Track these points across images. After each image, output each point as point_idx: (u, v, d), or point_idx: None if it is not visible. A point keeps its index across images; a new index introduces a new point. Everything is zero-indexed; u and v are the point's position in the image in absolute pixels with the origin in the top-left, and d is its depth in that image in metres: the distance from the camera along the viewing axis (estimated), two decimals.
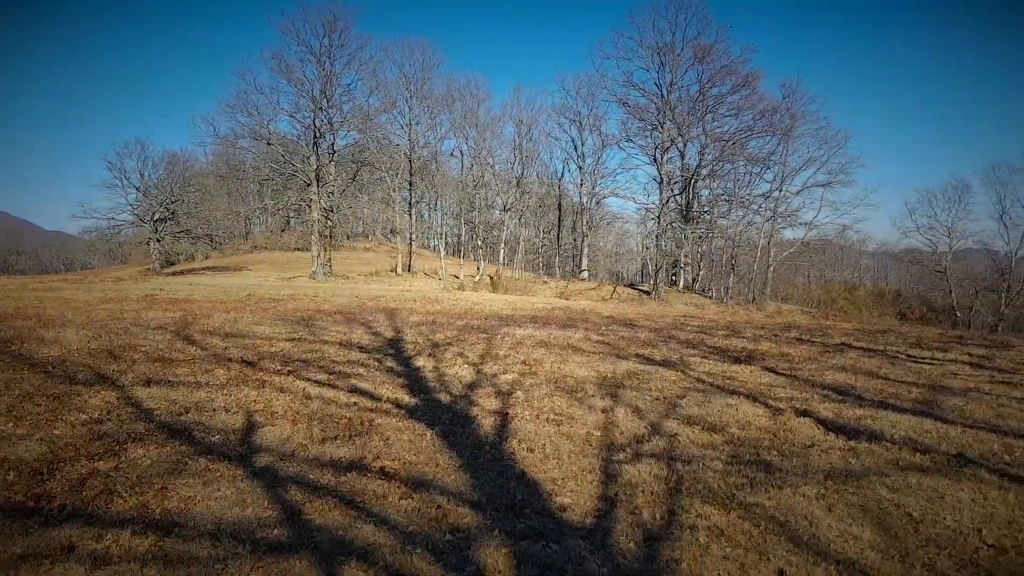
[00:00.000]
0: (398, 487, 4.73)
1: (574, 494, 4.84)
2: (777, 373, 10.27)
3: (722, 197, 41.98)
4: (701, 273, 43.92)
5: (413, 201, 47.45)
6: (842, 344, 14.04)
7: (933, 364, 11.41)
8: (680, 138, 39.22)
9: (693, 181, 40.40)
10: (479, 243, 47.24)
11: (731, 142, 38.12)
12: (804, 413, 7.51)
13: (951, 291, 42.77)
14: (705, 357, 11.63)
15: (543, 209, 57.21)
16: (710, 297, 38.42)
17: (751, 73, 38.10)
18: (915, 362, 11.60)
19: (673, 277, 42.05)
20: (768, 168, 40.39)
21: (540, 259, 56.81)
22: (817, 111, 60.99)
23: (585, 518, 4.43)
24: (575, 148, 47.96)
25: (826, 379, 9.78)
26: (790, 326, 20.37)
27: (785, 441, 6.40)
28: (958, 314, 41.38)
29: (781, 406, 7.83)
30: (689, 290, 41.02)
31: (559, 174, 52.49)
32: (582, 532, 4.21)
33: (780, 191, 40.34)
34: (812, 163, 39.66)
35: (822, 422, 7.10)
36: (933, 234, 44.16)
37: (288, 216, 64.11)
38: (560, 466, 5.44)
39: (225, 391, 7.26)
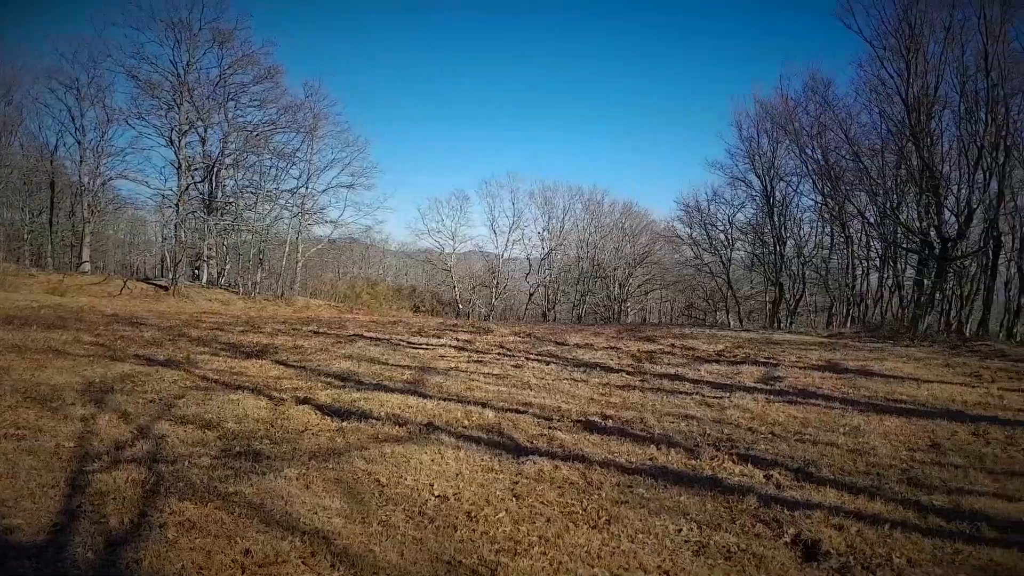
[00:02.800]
0: None
1: (28, 513, 4.26)
2: (287, 365, 10.66)
3: (248, 189, 41.46)
4: (228, 267, 42.42)
5: None
6: (355, 335, 15.32)
7: (428, 349, 13.33)
8: (201, 122, 37.43)
9: (216, 169, 38.86)
10: None
11: (255, 134, 38.16)
12: (304, 401, 7.97)
13: (455, 287, 50.50)
14: (215, 354, 11.36)
15: (30, 188, 47.36)
16: (237, 292, 37.44)
17: (273, 67, 38.86)
18: (414, 348, 13.37)
19: (197, 271, 39.67)
20: (294, 164, 41.48)
21: (27, 248, 46.94)
22: (340, 114, 64.55)
23: (37, 536, 3.96)
24: (72, 119, 40.99)
25: (333, 367, 10.55)
26: (312, 320, 21.30)
27: (280, 429, 6.71)
28: (460, 306, 49.12)
29: (284, 396, 8.17)
30: (214, 285, 39.22)
31: (52, 147, 44.18)
32: (31, 552, 3.75)
33: (307, 188, 41.84)
34: (336, 164, 42.25)
35: (320, 408, 7.64)
36: (441, 237, 51.47)
37: None
38: (14, 485, 4.70)
39: None
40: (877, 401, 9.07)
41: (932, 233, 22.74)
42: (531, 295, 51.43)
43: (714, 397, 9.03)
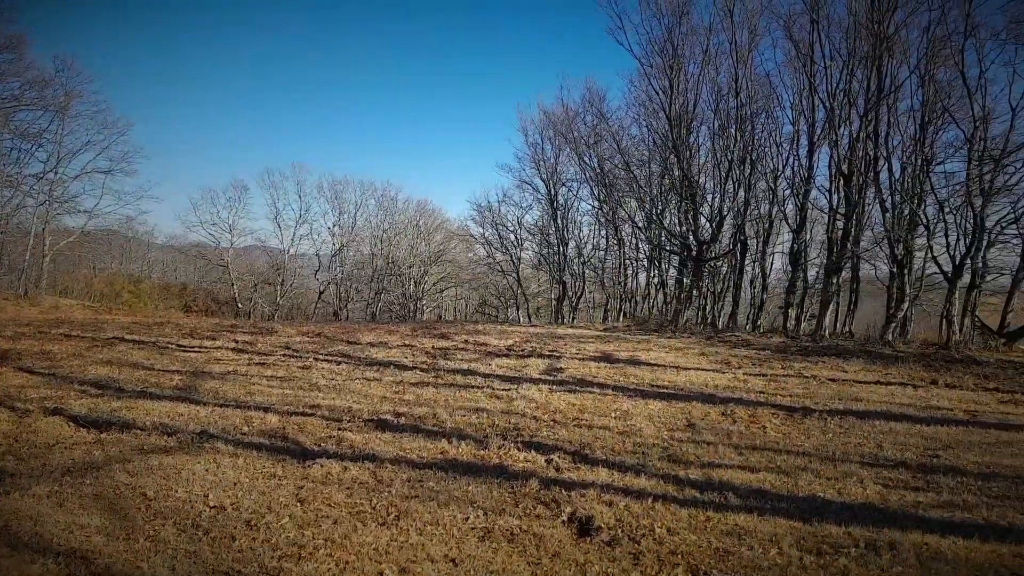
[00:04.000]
0: None
1: None
2: (33, 372, 9.46)
3: None
4: None
5: None
6: (114, 337, 13.84)
7: (201, 352, 12.42)
8: None
9: None
10: None
11: None
12: (55, 411, 7.13)
13: (233, 284, 47.33)
14: None
15: None
16: None
17: (16, 36, 33.54)
18: (184, 351, 12.39)
19: None
20: (41, 146, 36.20)
21: None
22: (97, 93, 57.67)
23: None
24: None
25: (89, 374, 9.50)
26: (63, 321, 18.89)
27: (26, 444, 6.00)
28: (240, 305, 46.16)
29: (30, 407, 7.24)
30: None
31: None
32: None
33: (56, 174, 36.73)
34: (92, 147, 37.51)
35: (74, 418, 6.88)
36: (216, 230, 47.96)
37: None
38: None
39: None
40: (644, 387, 10.09)
41: (691, 237, 25.57)
42: (321, 293, 49.73)
43: (503, 390, 9.45)
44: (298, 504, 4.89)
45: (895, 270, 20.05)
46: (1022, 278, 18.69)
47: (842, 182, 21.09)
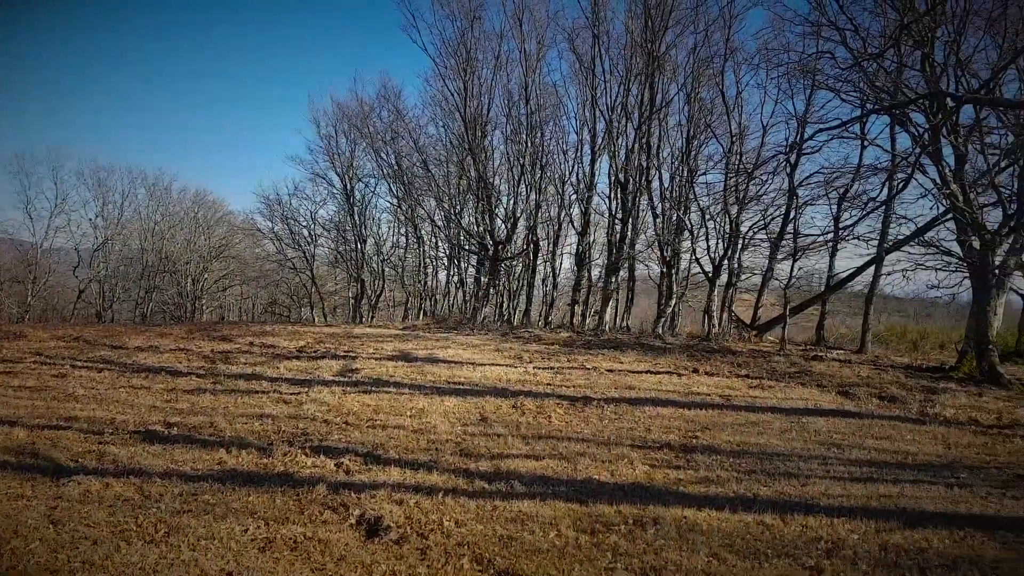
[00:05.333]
0: None
1: None
2: None
3: None
4: None
5: None
6: None
7: None
8: None
9: None
10: None
11: None
12: None
13: None
14: None
15: None
16: None
17: None
18: None
19: None
20: None
21: None
22: None
23: None
24: None
25: None
26: None
27: None
28: None
29: None
30: None
31: None
32: None
33: None
34: None
35: None
36: None
37: None
38: None
39: None
40: (440, 385, 10.21)
41: (487, 237, 26.32)
42: (81, 292, 44.16)
43: (292, 393, 9.07)
44: (51, 526, 4.36)
45: (665, 270, 22.17)
46: (770, 277, 21.51)
47: (619, 190, 22.89)
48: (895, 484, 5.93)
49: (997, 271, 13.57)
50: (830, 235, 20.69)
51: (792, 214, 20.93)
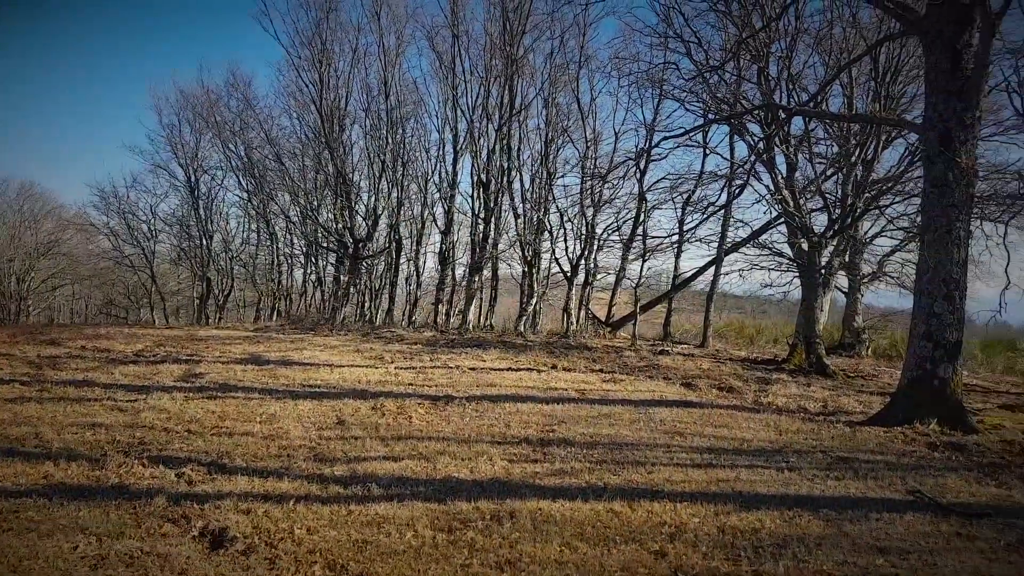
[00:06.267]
0: None
1: None
2: None
3: None
4: None
5: None
6: None
7: None
8: None
9: None
10: None
11: None
12: None
13: None
14: None
15: None
16: None
17: None
18: None
19: None
20: None
21: None
22: None
23: None
24: None
25: None
26: None
27: None
28: None
29: None
30: None
31: None
32: None
33: None
34: None
35: None
36: None
37: None
38: None
39: None
40: (294, 388, 9.85)
41: (347, 234, 25.66)
42: None
43: (128, 401, 8.41)
44: None
45: (526, 269, 22.70)
46: (623, 277, 22.55)
47: (482, 189, 23.14)
48: (732, 469, 6.40)
49: (823, 271, 15.02)
50: (675, 237, 22.10)
51: (642, 217, 22.15)
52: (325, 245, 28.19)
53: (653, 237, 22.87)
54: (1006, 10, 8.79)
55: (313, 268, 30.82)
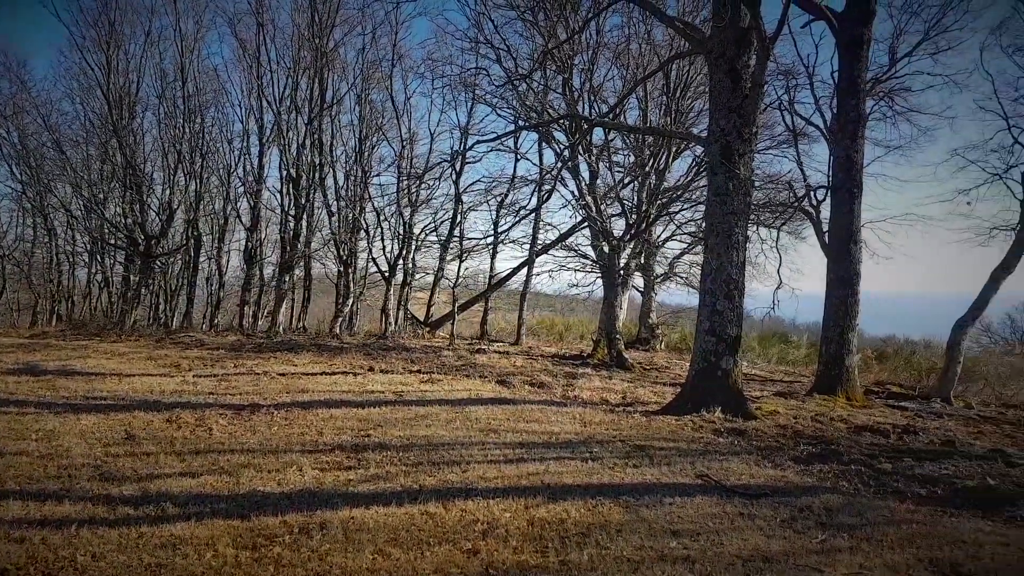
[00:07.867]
0: None
1: None
2: None
3: None
4: None
5: None
6: None
7: None
8: None
9: None
10: None
11: None
12: None
13: None
14: None
15: None
16: None
17: None
18: None
19: None
20: None
21: None
22: None
23: None
24: None
25: None
26: None
27: None
28: None
29: None
30: None
31: None
32: None
33: None
34: None
35: None
36: None
37: None
38: None
39: None
40: (76, 401, 8.88)
41: (138, 230, 23.39)
42: None
43: None
44: None
45: (342, 269, 22.07)
46: (441, 277, 22.68)
47: (292, 185, 22.17)
48: (541, 462, 6.67)
49: (622, 271, 16.12)
50: (490, 238, 22.63)
51: (458, 218, 22.42)
52: (113, 242, 25.46)
53: (470, 238, 23.26)
54: (778, 35, 10.02)
55: (99, 267, 27.69)
